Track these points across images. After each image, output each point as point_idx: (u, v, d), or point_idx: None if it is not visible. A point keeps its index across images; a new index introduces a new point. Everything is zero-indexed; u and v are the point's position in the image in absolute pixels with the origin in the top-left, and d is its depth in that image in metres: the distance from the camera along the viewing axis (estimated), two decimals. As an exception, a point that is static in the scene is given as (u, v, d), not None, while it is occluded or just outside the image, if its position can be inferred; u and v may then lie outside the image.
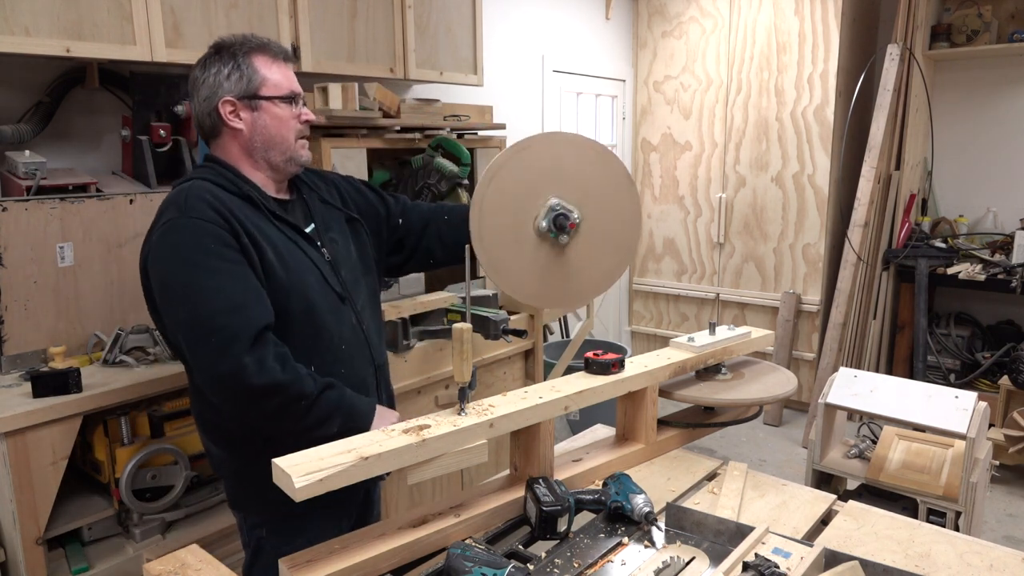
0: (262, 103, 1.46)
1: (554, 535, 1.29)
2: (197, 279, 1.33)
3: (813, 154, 4.22)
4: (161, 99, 2.21)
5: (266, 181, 1.51)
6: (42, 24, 1.82)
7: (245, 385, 1.30)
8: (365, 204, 1.71)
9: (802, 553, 1.18)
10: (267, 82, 1.46)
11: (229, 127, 1.46)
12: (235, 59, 1.45)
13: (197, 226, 1.35)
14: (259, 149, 1.48)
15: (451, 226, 1.72)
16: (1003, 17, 4.10)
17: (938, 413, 1.86)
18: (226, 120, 1.45)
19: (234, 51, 1.45)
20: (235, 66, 1.44)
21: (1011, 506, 3.33)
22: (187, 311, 1.33)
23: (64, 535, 1.81)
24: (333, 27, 2.50)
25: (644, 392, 1.61)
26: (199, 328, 1.32)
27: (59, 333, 1.95)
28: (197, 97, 1.47)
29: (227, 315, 1.31)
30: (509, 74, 3.86)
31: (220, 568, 1.14)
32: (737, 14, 4.38)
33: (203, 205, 1.37)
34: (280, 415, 1.36)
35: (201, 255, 1.33)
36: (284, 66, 1.50)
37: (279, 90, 1.47)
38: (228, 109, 1.45)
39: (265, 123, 1.46)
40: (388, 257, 1.76)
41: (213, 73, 1.44)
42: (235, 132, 1.46)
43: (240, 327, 1.30)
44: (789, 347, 4.34)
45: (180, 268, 1.34)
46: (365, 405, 1.44)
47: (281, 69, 1.49)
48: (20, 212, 1.84)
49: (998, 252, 4.04)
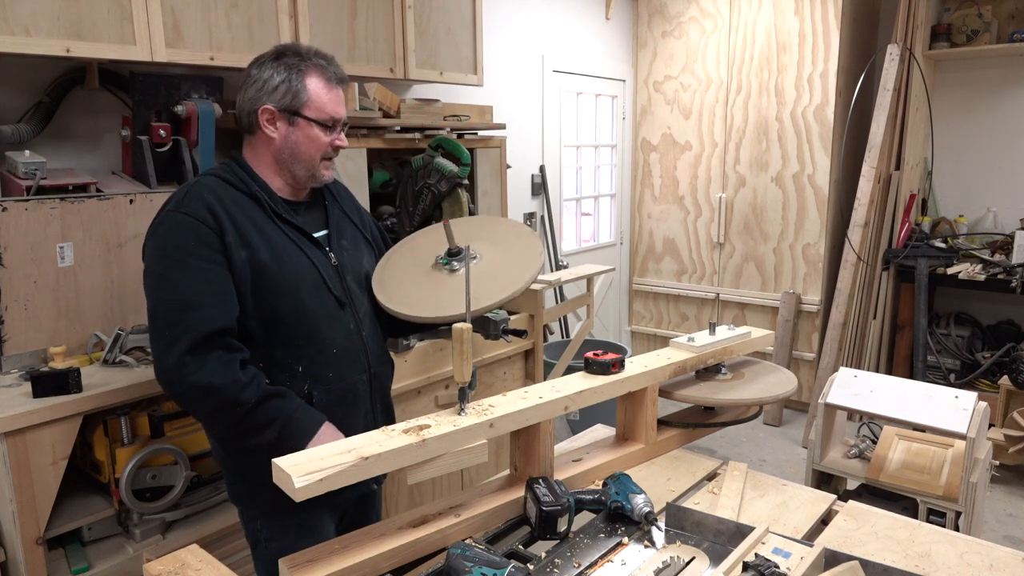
0: (300, 120, 1.49)
1: (554, 535, 1.29)
2: (168, 272, 1.38)
3: (813, 154, 4.22)
4: (161, 99, 2.20)
5: (283, 186, 1.56)
6: (42, 24, 1.82)
7: (182, 383, 1.34)
8: (375, 238, 1.79)
9: (802, 553, 1.18)
10: (312, 103, 1.49)
11: (264, 132, 1.50)
12: (290, 71, 1.48)
13: (183, 221, 1.39)
14: (285, 160, 1.52)
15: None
16: (1003, 17, 4.10)
17: (938, 413, 1.86)
18: (262, 125, 1.49)
19: (293, 63, 1.49)
20: (287, 78, 1.48)
21: (1011, 506, 3.33)
22: (153, 301, 1.38)
23: (64, 535, 1.81)
24: (333, 27, 2.50)
25: (644, 392, 1.61)
26: (157, 319, 1.37)
27: (59, 333, 1.95)
28: (245, 93, 1.51)
29: (183, 311, 1.35)
30: (509, 74, 3.86)
31: (220, 568, 1.14)
32: (737, 14, 4.38)
33: (198, 202, 1.41)
34: (215, 418, 1.42)
35: (179, 250, 1.38)
36: (336, 90, 1.53)
37: (321, 114, 1.50)
38: (266, 116, 1.49)
39: (297, 139, 1.50)
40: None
41: (265, 77, 1.48)
42: (268, 139, 1.51)
43: (192, 324, 1.34)
44: (789, 347, 4.34)
45: (158, 259, 1.40)
46: (308, 422, 1.43)
47: (331, 93, 1.52)
48: (20, 212, 1.84)
49: (998, 252, 4.04)
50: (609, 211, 4.97)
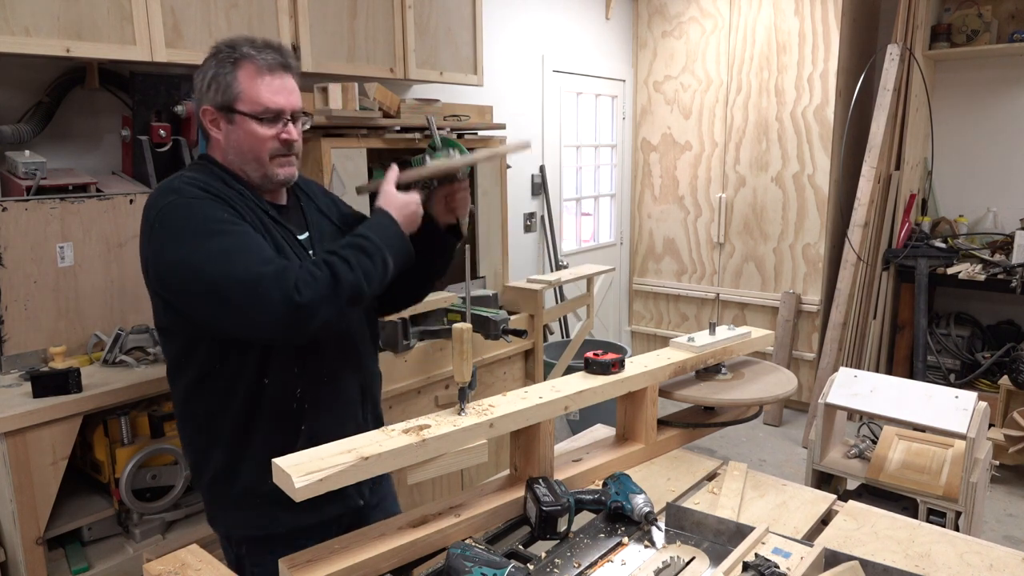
0: (236, 116, 1.39)
1: (554, 535, 1.29)
2: (215, 245, 1.28)
3: (813, 154, 4.22)
4: (161, 99, 2.20)
5: (255, 187, 1.46)
6: (42, 24, 1.82)
7: (311, 326, 1.28)
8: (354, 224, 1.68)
9: (802, 553, 1.18)
10: (243, 96, 1.38)
11: (210, 134, 1.43)
12: (220, 65, 1.39)
13: (196, 202, 1.32)
14: (235, 161, 1.43)
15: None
16: (1003, 17, 4.10)
17: (938, 413, 1.86)
18: (206, 127, 1.42)
19: (222, 57, 1.39)
20: (216, 74, 1.38)
21: (1011, 506, 3.33)
22: (218, 278, 1.27)
23: (64, 535, 1.81)
24: (333, 27, 2.50)
25: (644, 392, 1.61)
26: (237, 290, 1.26)
27: (59, 333, 1.95)
28: (193, 96, 1.45)
29: (260, 266, 1.27)
30: (509, 74, 3.86)
31: (220, 568, 1.14)
32: (737, 14, 4.38)
33: (196, 189, 1.35)
34: (360, 300, 1.36)
35: (210, 222, 1.30)
36: (275, 79, 1.40)
37: (254, 106, 1.38)
38: (208, 117, 1.41)
39: (238, 137, 1.40)
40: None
41: (201, 77, 1.41)
42: (216, 140, 1.43)
43: (275, 270, 1.27)
44: (789, 347, 4.34)
45: (193, 243, 1.29)
46: (378, 224, 1.41)
47: (268, 82, 1.39)
48: (20, 212, 1.84)
49: (998, 252, 4.04)
50: (609, 211, 4.97)
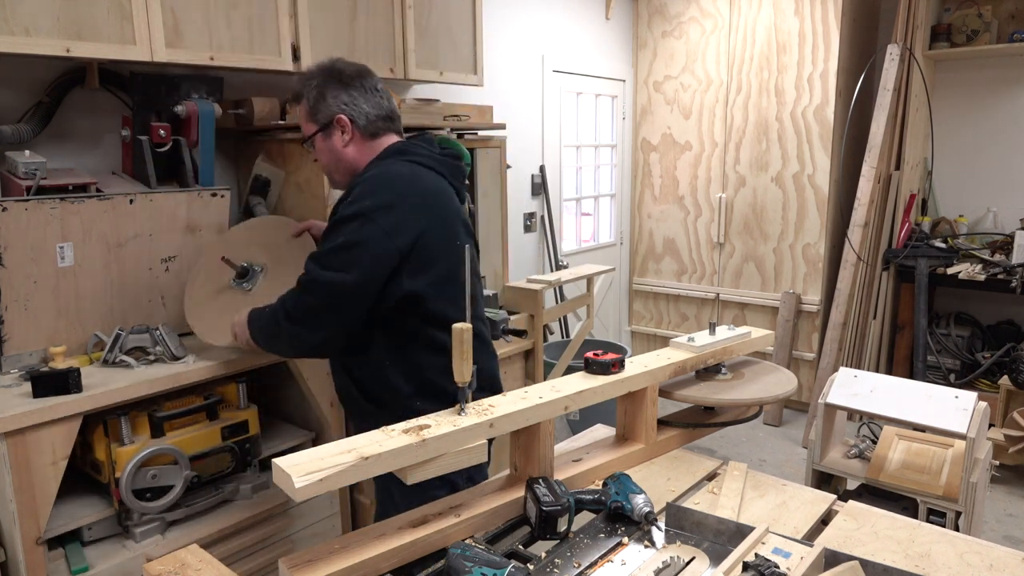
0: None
1: (554, 535, 1.29)
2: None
3: (813, 154, 4.22)
4: (161, 99, 2.20)
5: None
6: (42, 24, 1.82)
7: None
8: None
9: (802, 553, 1.18)
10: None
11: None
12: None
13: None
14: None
15: None
16: (1003, 17, 4.10)
17: (938, 413, 1.86)
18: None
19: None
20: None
21: (1011, 506, 3.33)
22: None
23: (64, 535, 1.81)
24: (333, 27, 2.50)
25: (644, 392, 1.61)
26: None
27: (59, 333, 1.94)
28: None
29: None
30: (509, 74, 3.86)
31: (220, 568, 1.14)
32: (737, 14, 4.38)
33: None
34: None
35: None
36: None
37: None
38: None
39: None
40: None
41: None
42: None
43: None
44: (789, 347, 4.34)
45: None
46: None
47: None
48: (20, 212, 1.83)
49: (998, 252, 4.04)
50: (609, 211, 4.97)
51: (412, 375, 1.66)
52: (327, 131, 1.73)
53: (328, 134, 1.73)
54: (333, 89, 1.70)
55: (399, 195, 1.60)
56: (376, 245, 1.56)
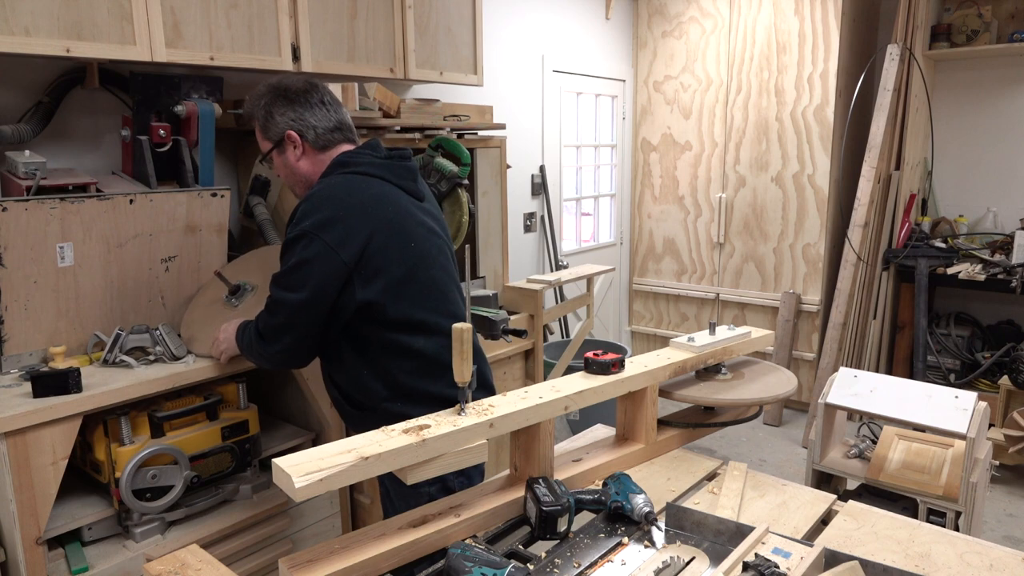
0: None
1: (554, 535, 1.29)
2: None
3: (813, 154, 4.22)
4: (161, 99, 2.20)
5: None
6: (42, 24, 1.82)
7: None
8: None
9: (802, 553, 1.18)
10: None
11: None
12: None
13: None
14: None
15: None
16: (1003, 17, 4.11)
17: (938, 413, 1.86)
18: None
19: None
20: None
21: (1011, 506, 3.33)
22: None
23: (64, 535, 1.81)
24: (333, 27, 2.50)
25: (644, 392, 1.61)
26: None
27: (59, 333, 1.94)
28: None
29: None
30: (509, 74, 3.86)
31: (220, 568, 1.14)
32: (737, 14, 4.38)
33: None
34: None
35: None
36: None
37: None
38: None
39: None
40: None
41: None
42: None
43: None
44: (789, 347, 4.34)
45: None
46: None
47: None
48: (20, 212, 1.83)
49: (998, 252, 4.04)
50: (609, 211, 4.98)
51: (384, 379, 1.69)
52: (280, 147, 1.77)
53: (282, 150, 1.77)
54: (280, 106, 1.73)
55: (339, 208, 1.62)
56: (323, 262, 1.59)
